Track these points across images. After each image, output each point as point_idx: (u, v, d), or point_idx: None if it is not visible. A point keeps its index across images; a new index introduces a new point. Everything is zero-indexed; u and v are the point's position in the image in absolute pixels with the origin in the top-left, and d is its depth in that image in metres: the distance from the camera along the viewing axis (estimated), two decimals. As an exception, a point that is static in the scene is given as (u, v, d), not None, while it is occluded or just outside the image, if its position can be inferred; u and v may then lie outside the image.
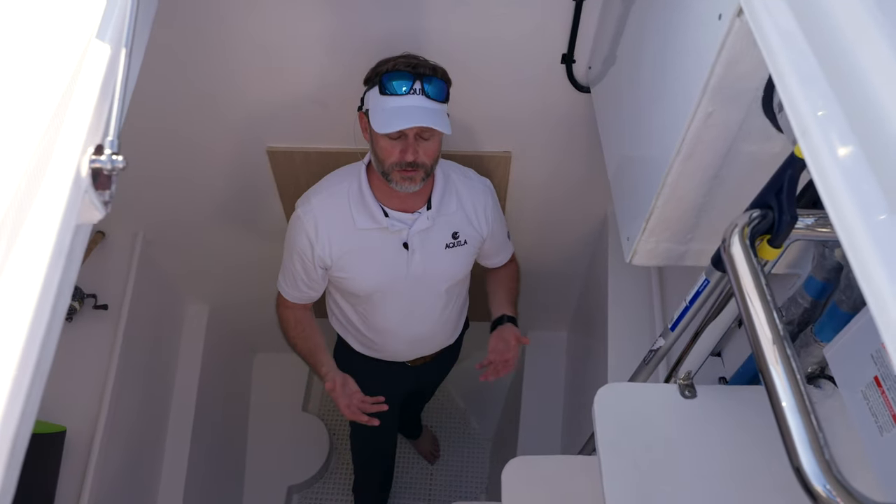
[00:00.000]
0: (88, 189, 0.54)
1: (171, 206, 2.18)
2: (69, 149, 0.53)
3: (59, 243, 0.47)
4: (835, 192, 0.59)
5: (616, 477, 1.15)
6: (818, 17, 0.67)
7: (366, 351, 1.99)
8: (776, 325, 0.81)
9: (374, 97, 1.51)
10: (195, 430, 2.37)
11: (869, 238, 0.54)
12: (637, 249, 1.24)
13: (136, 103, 1.71)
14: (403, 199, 1.65)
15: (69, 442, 1.80)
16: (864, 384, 0.99)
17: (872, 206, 0.56)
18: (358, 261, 1.71)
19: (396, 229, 1.67)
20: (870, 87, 0.60)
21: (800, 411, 0.75)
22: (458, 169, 1.79)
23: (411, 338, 1.93)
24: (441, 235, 1.73)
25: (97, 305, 2.06)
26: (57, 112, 0.53)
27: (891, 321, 0.50)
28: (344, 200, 1.67)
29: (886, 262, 0.53)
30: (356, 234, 1.68)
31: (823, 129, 0.63)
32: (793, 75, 0.68)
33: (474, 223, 1.77)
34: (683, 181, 1.10)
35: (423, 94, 1.48)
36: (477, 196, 1.77)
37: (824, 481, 0.71)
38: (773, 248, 0.92)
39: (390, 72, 1.48)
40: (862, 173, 0.58)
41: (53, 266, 0.47)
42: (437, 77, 1.51)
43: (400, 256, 1.72)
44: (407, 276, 1.74)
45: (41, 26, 0.60)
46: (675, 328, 1.21)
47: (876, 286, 0.53)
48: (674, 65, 1.09)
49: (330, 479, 2.97)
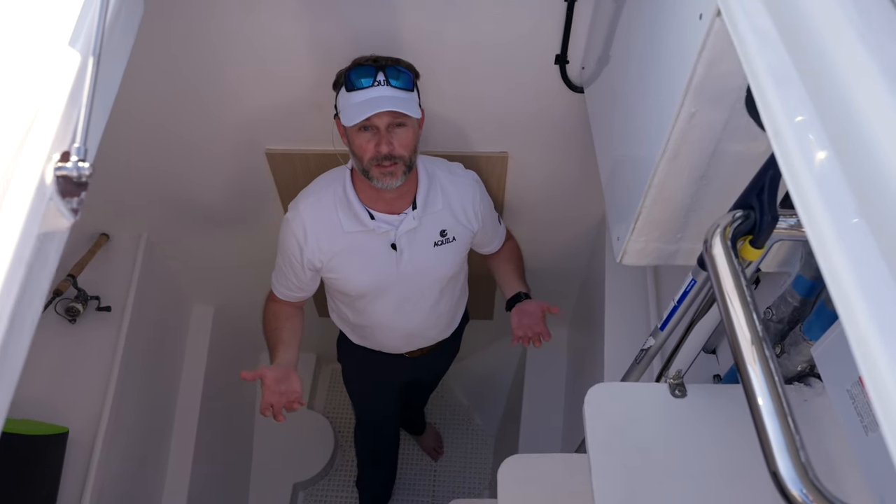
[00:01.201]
0: (54, 196, 0.55)
1: (174, 209, 2.20)
2: (33, 156, 0.53)
3: (18, 251, 0.48)
4: (806, 194, 0.59)
5: (605, 476, 1.16)
6: (795, 19, 0.67)
7: (364, 343, 2.03)
8: (755, 325, 0.81)
9: (342, 96, 1.54)
10: (200, 430, 2.39)
11: (838, 241, 0.54)
12: (627, 249, 1.24)
13: (137, 105, 1.76)
14: (389, 201, 1.66)
15: (72, 443, 1.82)
16: (850, 383, 0.98)
17: (843, 210, 0.56)
18: (347, 263, 1.73)
19: (383, 231, 1.68)
20: (845, 90, 0.59)
21: (777, 413, 0.75)
22: (444, 165, 1.79)
23: (405, 332, 1.95)
24: (429, 234, 1.74)
25: (100, 307, 2.08)
26: (22, 119, 0.54)
27: (857, 323, 0.50)
28: (330, 204, 1.68)
29: (855, 266, 0.52)
30: (344, 237, 1.69)
31: (796, 131, 0.63)
32: (767, 77, 0.68)
33: (462, 220, 1.78)
34: (670, 181, 1.10)
35: (388, 84, 1.50)
36: (465, 192, 1.77)
37: (801, 486, 0.71)
38: (755, 249, 0.92)
39: (353, 68, 1.52)
40: (834, 176, 0.58)
41: (12, 275, 0.48)
42: (400, 66, 1.53)
43: (389, 257, 1.73)
44: (397, 275, 1.76)
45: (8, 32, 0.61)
46: (664, 328, 1.21)
47: (844, 290, 0.53)
48: (658, 65, 1.09)
49: (335, 476, 2.99)
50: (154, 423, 2.29)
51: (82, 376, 1.96)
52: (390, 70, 1.50)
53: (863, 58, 0.59)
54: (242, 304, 2.68)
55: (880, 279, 0.51)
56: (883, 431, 0.47)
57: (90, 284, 2.08)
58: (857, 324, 0.50)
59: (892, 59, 0.57)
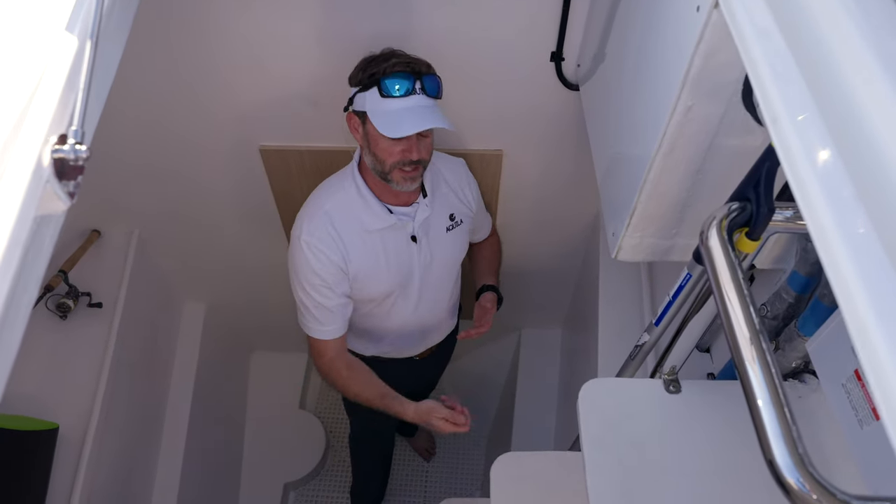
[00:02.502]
0: (50, 178, 0.54)
1: (166, 205, 2.19)
2: (30, 138, 0.53)
3: (15, 233, 0.48)
4: (805, 184, 0.59)
5: (600, 473, 1.15)
6: (793, 9, 0.67)
7: (376, 351, 1.98)
8: (752, 317, 0.81)
9: (373, 99, 1.47)
10: (191, 428, 2.38)
11: (838, 231, 0.54)
12: (622, 245, 1.24)
13: (131, 102, 1.75)
14: (398, 194, 1.66)
15: (62, 439, 1.80)
16: (845, 378, 0.98)
17: (842, 199, 0.55)
18: (374, 265, 1.69)
19: (403, 223, 1.68)
20: (843, 80, 0.59)
21: (773, 404, 0.75)
22: (434, 152, 1.78)
23: (423, 329, 1.95)
24: (440, 220, 1.76)
25: (91, 304, 2.07)
26: (19, 102, 0.54)
27: (858, 315, 0.50)
28: (349, 207, 1.64)
29: (855, 255, 0.52)
30: (367, 238, 1.67)
31: (794, 121, 0.62)
32: (766, 66, 0.68)
33: (463, 201, 1.81)
34: (666, 176, 1.10)
35: (424, 92, 1.47)
36: (460, 174, 1.82)
37: (797, 474, 0.70)
38: (752, 241, 0.92)
39: (389, 73, 1.45)
40: (833, 165, 0.57)
41: (9, 256, 0.47)
42: (431, 73, 1.51)
43: (409, 251, 1.73)
44: (419, 267, 1.76)
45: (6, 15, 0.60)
46: (658, 323, 1.21)
47: (844, 280, 0.52)
48: (655, 59, 1.09)
49: (326, 476, 2.97)
50: (145, 420, 2.27)
51: (73, 373, 1.95)
52: (426, 79, 1.47)
53: (860, 46, 0.59)
54: (234, 302, 2.67)
55: (881, 268, 0.50)
56: (883, 420, 0.47)
57: (81, 281, 2.07)
58: (857, 314, 0.50)
59: (889, 48, 0.57)
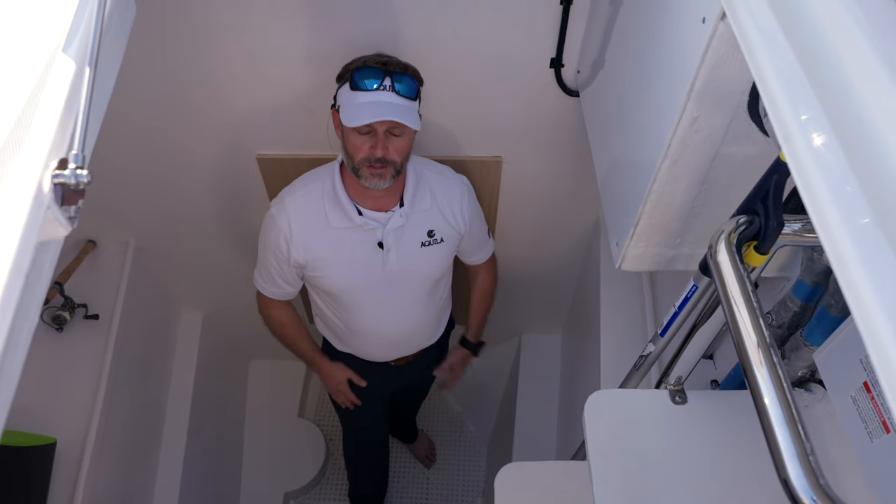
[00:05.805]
0: (51, 205, 0.53)
1: (162, 214, 2.17)
2: (30, 164, 0.52)
3: (16, 262, 0.46)
4: (817, 196, 0.58)
5: (606, 484, 1.14)
6: (801, 21, 0.67)
7: (348, 350, 2.01)
8: (763, 332, 0.80)
9: (344, 93, 1.52)
10: (190, 438, 2.36)
11: (851, 242, 0.54)
12: (626, 255, 1.23)
13: (127, 113, 1.73)
14: (377, 199, 1.65)
15: (59, 454, 1.78)
16: (854, 389, 0.97)
17: (855, 211, 0.55)
18: (332, 259, 1.71)
19: (370, 227, 1.67)
20: (853, 91, 0.59)
21: (787, 421, 0.74)
22: (433, 166, 1.78)
23: (390, 339, 1.93)
24: (416, 233, 1.73)
25: (88, 315, 2.05)
26: (18, 126, 0.52)
27: (873, 327, 0.49)
28: (318, 199, 1.67)
29: (869, 267, 0.52)
30: (330, 233, 1.68)
31: (806, 134, 0.62)
32: (775, 79, 0.67)
33: (450, 221, 1.77)
34: (670, 186, 1.09)
35: (394, 90, 1.49)
36: (453, 193, 1.77)
37: (812, 494, 0.70)
38: (760, 255, 0.91)
39: (361, 68, 1.49)
40: (845, 177, 0.57)
41: (11, 286, 0.46)
42: (407, 74, 1.52)
43: (375, 255, 1.71)
44: (383, 274, 1.74)
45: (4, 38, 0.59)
46: (664, 334, 1.20)
47: (858, 292, 0.52)
48: (659, 69, 1.08)
49: (326, 485, 2.95)
50: (143, 432, 2.25)
51: (70, 386, 1.93)
52: (397, 76, 1.49)
53: (869, 57, 0.58)
54: (232, 311, 2.65)
55: (894, 277, 0.50)
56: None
57: (77, 292, 2.05)
58: (872, 323, 0.49)
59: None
